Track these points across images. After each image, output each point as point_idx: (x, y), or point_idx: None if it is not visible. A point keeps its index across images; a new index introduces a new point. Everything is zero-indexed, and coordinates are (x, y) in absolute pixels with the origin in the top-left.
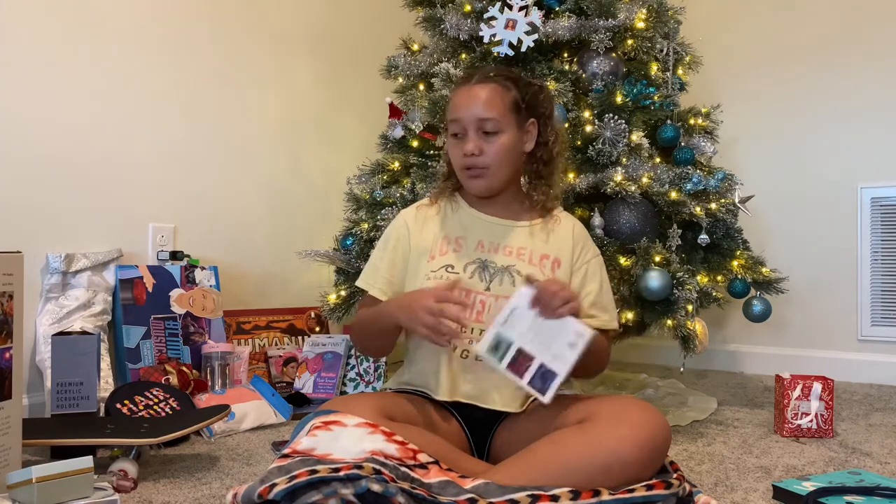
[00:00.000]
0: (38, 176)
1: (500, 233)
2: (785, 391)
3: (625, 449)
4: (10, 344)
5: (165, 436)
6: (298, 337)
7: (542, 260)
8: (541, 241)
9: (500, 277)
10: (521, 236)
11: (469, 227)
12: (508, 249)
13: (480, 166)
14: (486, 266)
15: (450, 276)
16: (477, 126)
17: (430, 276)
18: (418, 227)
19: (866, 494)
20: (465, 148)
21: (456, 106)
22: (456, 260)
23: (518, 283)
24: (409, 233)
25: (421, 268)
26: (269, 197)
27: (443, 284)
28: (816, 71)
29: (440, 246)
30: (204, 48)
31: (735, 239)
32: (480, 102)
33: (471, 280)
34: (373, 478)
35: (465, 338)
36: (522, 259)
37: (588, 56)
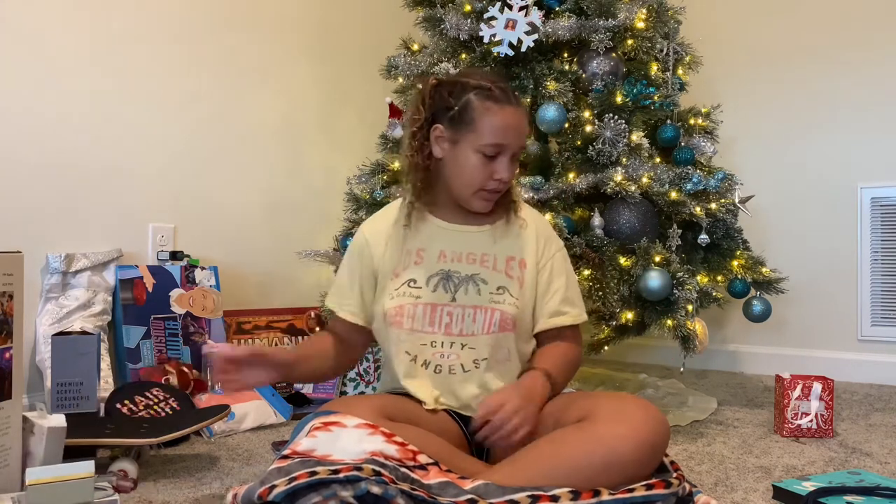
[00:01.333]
0: (39, 176)
1: (463, 240)
2: (785, 391)
3: (623, 447)
4: (10, 344)
5: (165, 436)
6: (298, 337)
7: (509, 262)
8: (505, 244)
9: (465, 287)
10: (485, 241)
11: (431, 237)
12: (472, 257)
13: (502, 191)
14: (449, 277)
15: (412, 290)
16: (514, 154)
17: (394, 294)
18: (381, 244)
19: (866, 494)
20: (501, 174)
21: (502, 130)
22: (418, 273)
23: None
24: (371, 250)
25: (386, 286)
26: (269, 197)
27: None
28: (816, 71)
29: (402, 260)
30: (204, 48)
31: (735, 239)
32: (523, 131)
33: (434, 293)
34: (372, 479)
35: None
36: (486, 266)
37: (588, 56)
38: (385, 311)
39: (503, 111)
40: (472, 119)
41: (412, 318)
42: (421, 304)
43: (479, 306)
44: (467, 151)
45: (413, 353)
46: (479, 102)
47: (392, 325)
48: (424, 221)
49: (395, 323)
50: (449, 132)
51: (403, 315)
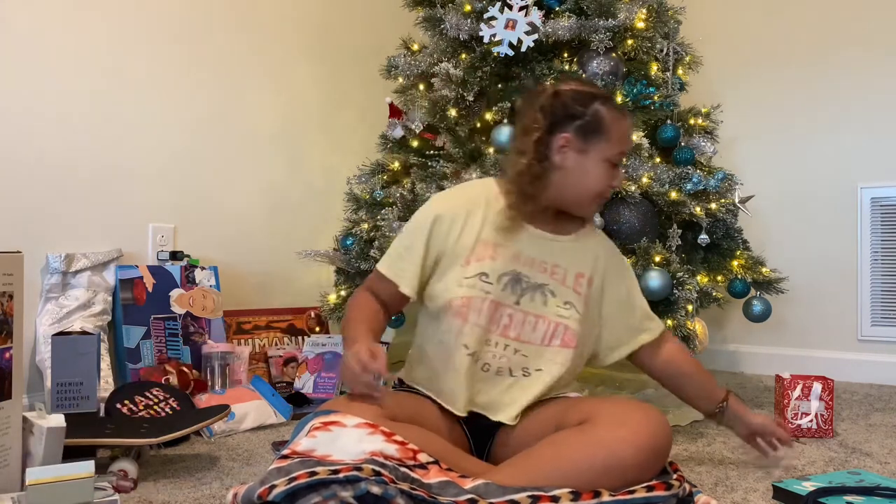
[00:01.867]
0: (39, 176)
1: (539, 246)
2: (785, 391)
3: (624, 451)
4: (10, 344)
5: (165, 436)
6: (298, 337)
7: (578, 279)
8: (576, 258)
9: (531, 294)
10: (559, 252)
11: (508, 234)
12: (544, 265)
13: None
14: (519, 279)
15: (483, 285)
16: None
17: (464, 283)
18: (457, 226)
19: (866, 494)
20: (618, 180)
21: (628, 138)
22: (491, 269)
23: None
24: (445, 230)
25: (454, 271)
26: (269, 197)
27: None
28: (817, 71)
29: (477, 250)
30: (204, 48)
31: (735, 239)
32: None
33: (503, 292)
34: (372, 480)
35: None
36: (556, 279)
37: (588, 56)
38: (450, 298)
39: (626, 120)
40: (604, 128)
41: (478, 312)
42: (489, 301)
43: (542, 316)
44: (596, 160)
45: (472, 349)
46: (607, 112)
47: (455, 316)
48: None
49: (460, 314)
50: (578, 141)
51: (470, 308)
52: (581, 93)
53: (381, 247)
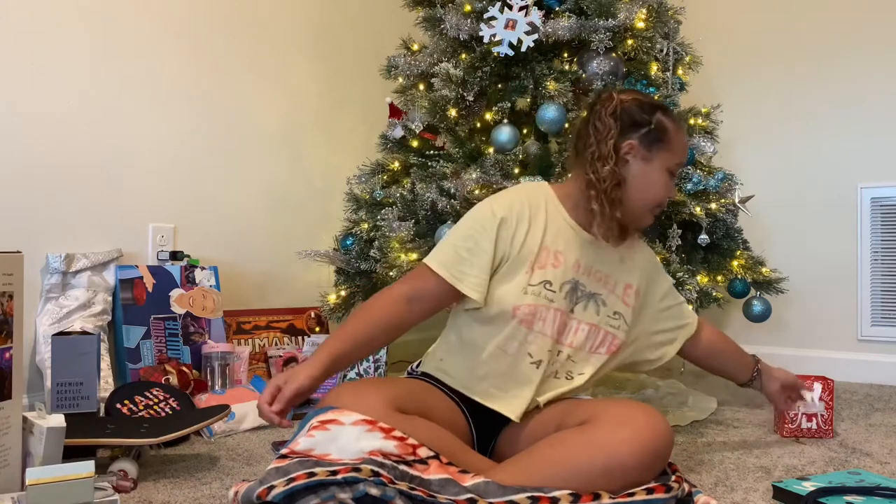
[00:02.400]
0: (39, 176)
1: (594, 255)
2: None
3: (625, 452)
4: (10, 344)
5: (165, 436)
6: (298, 337)
7: (626, 290)
8: (625, 269)
9: (584, 302)
10: (611, 262)
11: (568, 242)
12: (599, 275)
13: None
14: (576, 287)
15: (548, 293)
16: None
17: (528, 290)
18: (522, 230)
19: (866, 494)
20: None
21: (686, 148)
22: (553, 276)
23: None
24: (511, 233)
25: (518, 276)
26: (269, 197)
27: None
28: (816, 71)
29: (541, 257)
30: (203, 48)
31: (735, 239)
32: None
33: (564, 300)
34: (371, 481)
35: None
36: (609, 289)
37: (588, 56)
38: (515, 305)
39: (684, 131)
40: (667, 138)
41: (543, 321)
42: (553, 309)
43: (594, 325)
44: (659, 169)
45: (537, 358)
46: (669, 122)
47: (520, 324)
48: (565, 224)
49: (525, 322)
50: (642, 149)
51: (536, 317)
52: (643, 102)
53: (381, 247)
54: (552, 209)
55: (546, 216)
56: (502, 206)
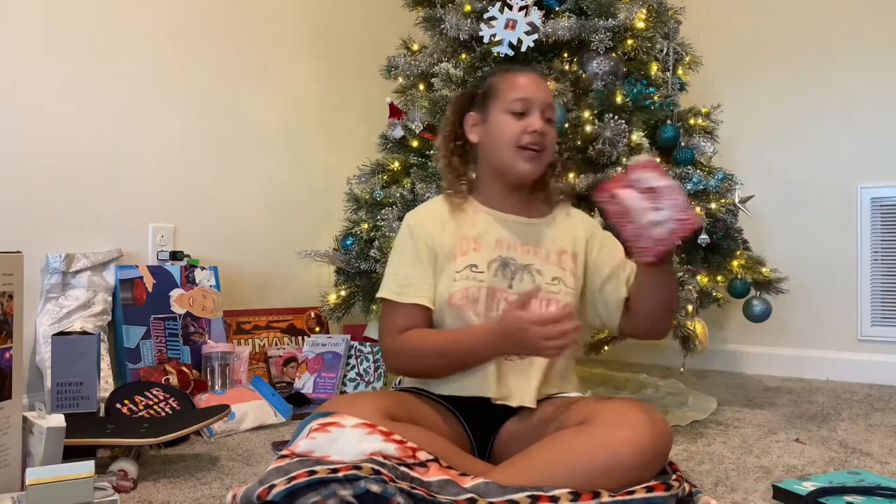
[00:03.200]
0: (39, 176)
1: (517, 231)
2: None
3: (624, 451)
4: (10, 344)
5: (165, 436)
6: (298, 337)
7: (562, 255)
8: (556, 236)
9: (520, 275)
10: (537, 233)
11: (486, 224)
12: (526, 247)
13: (541, 146)
14: (507, 264)
15: (475, 275)
16: (542, 109)
17: (456, 276)
18: (437, 229)
19: (866, 494)
20: (534, 124)
21: (523, 86)
22: (478, 258)
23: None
24: (428, 235)
25: (447, 269)
26: (269, 197)
27: (523, 307)
28: (816, 71)
29: (461, 245)
30: (204, 48)
31: (735, 239)
32: (547, 89)
33: (494, 278)
34: (371, 478)
35: None
36: (540, 256)
37: (588, 56)
38: (451, 293)
39: (522, 74)
40: (496, 90)
41: (476, 301)
42: (484, 288)
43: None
44: (498, 117)
45: None
46: (499, 77)
47: (461, 309)
48: (478, 211)
49: (463, 307)
50: (479, 114)
51: (468, 298)
52: (486, 74)
53: (381, 247)
54: (466, 205)
55: (460, 212)
56: (413, 216)
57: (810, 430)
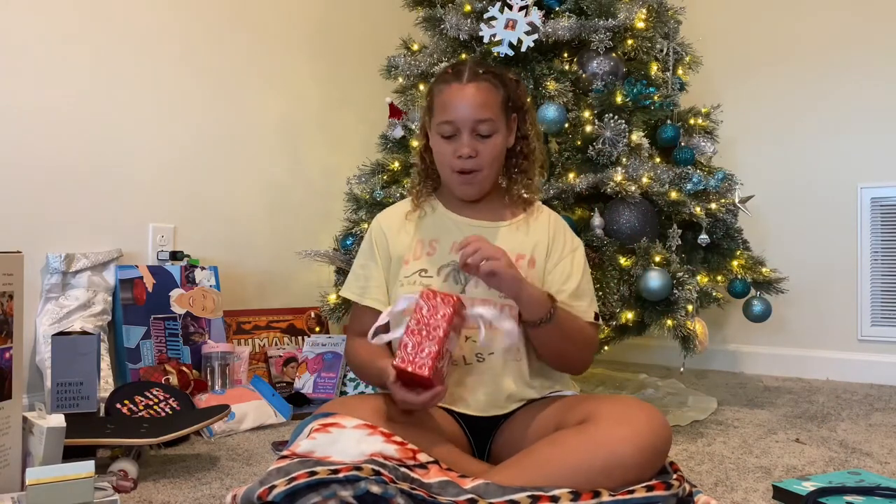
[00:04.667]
0: (39, 176)
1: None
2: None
3: (625, 450)
4: (10, 344)
5: (165, 436)
6: (298, 337)
7: (518, 261)
8: (516, 241)
9: (475, 280)
10: (496, 237)
11: (444, 229)
12: None
13: (473, 169)
14: (460, 269)
15: (423, 279)
16: (472, 128)
17: (404, 282)
18: (394, 231)
19: (866, 494)
20: (460, 150)
21: (449, 107)
22: (430, 264)
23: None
24: (386, 238)
25: (398, 273)
26: (269, 197)
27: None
28: (816, 71)
29: (414, 250)
30: (204, 48)
31: (735, 239)
32: (477, 104)
33: (444, 283)
34: (372, 479)
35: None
36: None
37: (588, 56)
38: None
39: (448, 88)
40: (433, 104)
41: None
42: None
43: (488, 300)
44: (433, 137)
45: None
46: (437, 87)
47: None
48: (438, 215)
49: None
50: (428, 122)
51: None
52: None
53: None
54: (429, 207)
55: (421, 214)
56: (378, 219)
57: (810, 430)
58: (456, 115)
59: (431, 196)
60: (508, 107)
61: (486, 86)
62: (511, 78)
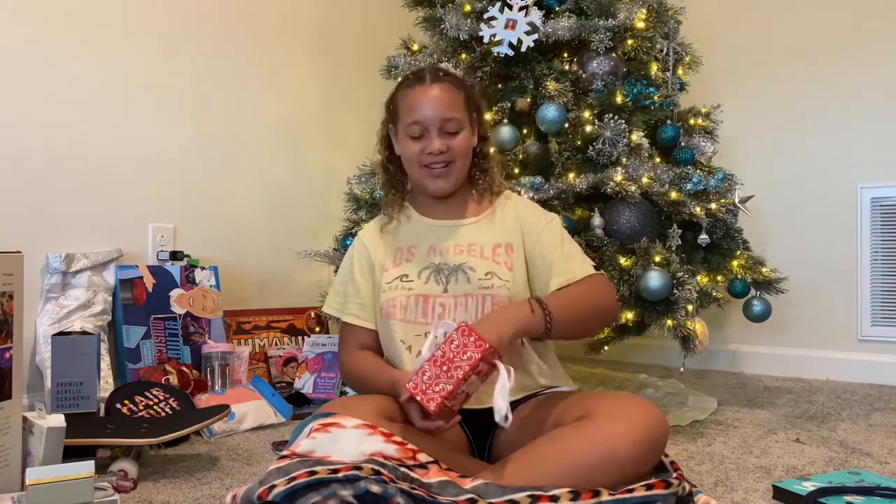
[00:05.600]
0: (39, 176)
1: (449, 233)
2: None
3: (621, 445)
4: (10, 344)
5: (165, 436)
6: (298, 337)
7: (496, 249)
8: (491, 231)
9: (455, 277)
10: (470, 231)
11: (420, 234)
12: (459, 248)
13: (446, 162)
14: (440, 269)
15: (404, 284)
16: (440, 126)
17: (386, 288)
18: (374, 244)
19: (866, 494)
20: (431, 147)
21: (415, 107)
22: (410, 268)
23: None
24: (368, 252)
25: (380, 282)
26: (269, 197)
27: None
28: (816, 71)
29: (393, 257)
30: (204, 48)
31: (735, 239)
32: (443, 103)
33: (426, 285)
34: (372, 479)
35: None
36: (474, 254)
37: (588, 56)
38: (380, 305)
39: (413, 91)
40: (396, 111)
41: (405, 308)
42: (413, 296)
43: (469, 294)
44: (401, 139)
45: (408, 343)
46: (400, 93)
47: (387, 318)
48: (414, 222)
49: (389, 315)
50: (394, 129)
51: (396, 306)
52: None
53: None
54: (403, 216)
55: (397, 224)
56: (359, 237)
57: (810, 430)
58: (423, 115)
59: (404, 205)
60: (470, 106)
61: (448, 86)
62: (468, 83)
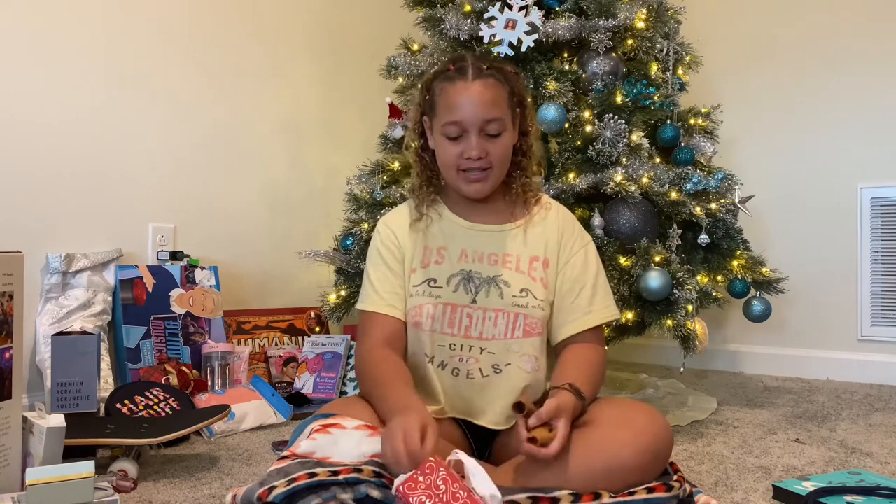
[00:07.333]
0: (39, 176)
1: (484, 240)
2: None
3: (625, 454)
4: (10, 344)
5: (165, 436)
6: (298, 337)
7: (532, 263)
8: (528, 243)
9: (486, 289)
10: (507, 241)
11: (452, 235)
12: (494, 258)
13: (483, 168)
14: (470, 278)
15: (432, 290)
16: (480, 127)
17: (413, 292)
18: (403, 235)
19: (866, 494)
20: (469, 152)
21: (455, 107)
22: (439, 273)
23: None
24: (396, 237)
25: (409, 283)
26: (269, 197)
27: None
28: (816, 71)
29: (422, 258)
30: (204, 48)
31: (735, 239)
32: (485, 102)
33: (455, 294)
34: (372, 482)
35: (455, 355)
36: (509, 267)
37: (588, 56)
38: (408, 310)
39: (454, 88)
40: (435, 104)
41: (432, 318)
42: (441, 304)
43: (501, 310)
44: (438, 137)
45: (431, 355)
46: (438, 86)
47: (414, 327)
48: (445, 220)
49: (417, 324)
50: (430, 122)
51: (423, 315)
52: (433, 72)
53: None
54: (434, 212)
55: (428, 219)
56: (384, 223)
57: (810, 430)
58: (463, 116)
59: (436, 200)
60: (514, 102)
61: (492, 82)
62: (511, 71)
